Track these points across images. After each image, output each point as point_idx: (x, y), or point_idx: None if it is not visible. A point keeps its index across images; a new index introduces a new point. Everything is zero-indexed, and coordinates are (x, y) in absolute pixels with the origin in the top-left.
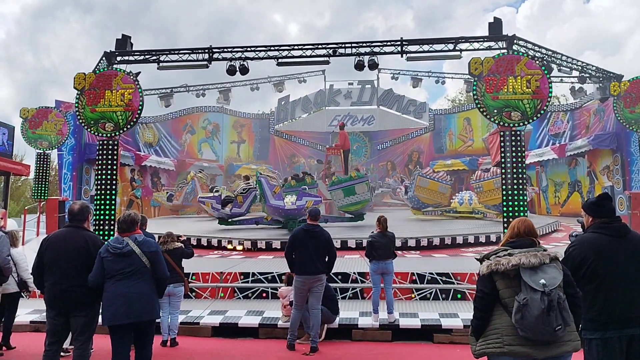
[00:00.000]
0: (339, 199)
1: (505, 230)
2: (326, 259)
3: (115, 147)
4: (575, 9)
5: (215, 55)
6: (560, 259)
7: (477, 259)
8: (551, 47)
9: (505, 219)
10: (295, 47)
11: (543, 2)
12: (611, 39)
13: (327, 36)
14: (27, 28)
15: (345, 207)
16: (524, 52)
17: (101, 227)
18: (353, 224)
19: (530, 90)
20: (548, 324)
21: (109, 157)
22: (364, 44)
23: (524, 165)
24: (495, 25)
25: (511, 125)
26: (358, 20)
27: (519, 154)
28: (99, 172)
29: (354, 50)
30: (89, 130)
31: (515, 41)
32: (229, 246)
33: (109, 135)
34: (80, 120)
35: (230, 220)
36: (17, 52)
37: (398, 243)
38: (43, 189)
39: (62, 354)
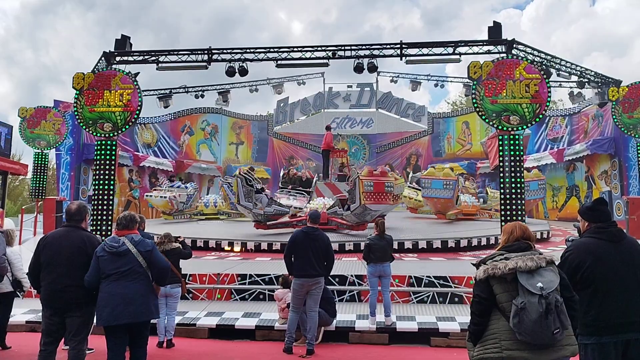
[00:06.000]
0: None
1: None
2: (325, 263)
3: (114, 148)
4: (581, 10)
5: (215, 57)
6: (557, 263)
7: (473, 264)
8: (557, 48)
9: (503, 223)
10: (295, 49)
11: (549, 3)
12: (618, 41)
13: (332, 35)
14: (27, 24)
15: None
16: (523, 56)
17: (99, 228)
18: None
19: (529, 94)
20: (546, 328)
21: (107, 157)
22: (364, 47)
23: (522, 169)
24: (495, 29)
25: (510, 129)
26: (364, 19)
27: (517, 158)
28: (97, 172)
29: (353, 52)
30: (87, 130)
31: (514, 45)
32: (227, 247)
33: (107, 135)
34: (79, 120)
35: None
36: (15, 48)
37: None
38: (40, 188)
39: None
